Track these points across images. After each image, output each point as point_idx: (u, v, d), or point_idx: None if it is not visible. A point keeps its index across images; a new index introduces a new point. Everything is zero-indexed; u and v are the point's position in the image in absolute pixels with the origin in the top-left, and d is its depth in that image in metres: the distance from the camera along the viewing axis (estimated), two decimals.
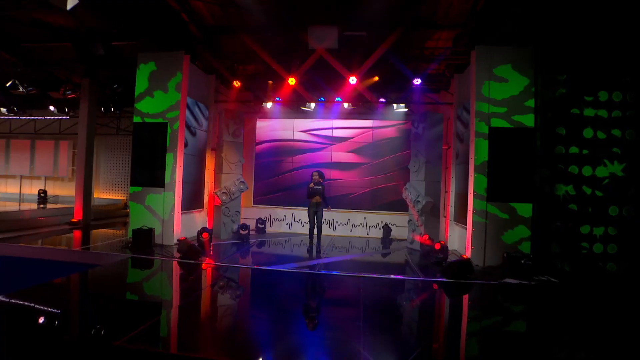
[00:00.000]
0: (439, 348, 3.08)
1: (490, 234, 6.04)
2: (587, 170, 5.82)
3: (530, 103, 6.11)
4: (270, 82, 7.87)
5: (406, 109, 8.50)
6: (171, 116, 6.98)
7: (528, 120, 6.10)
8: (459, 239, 7.38)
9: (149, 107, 7.07)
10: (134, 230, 6.33)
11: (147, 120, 7.05)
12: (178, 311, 3.68)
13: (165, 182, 6.87)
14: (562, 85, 5.89)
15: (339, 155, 9.48)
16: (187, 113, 7.38)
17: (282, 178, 9.63)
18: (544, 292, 4.78)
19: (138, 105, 7.10)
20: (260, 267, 5.44)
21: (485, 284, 5.01)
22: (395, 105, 8.50)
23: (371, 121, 9.39)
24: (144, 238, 6.31)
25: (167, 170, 6.89)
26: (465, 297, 4.70)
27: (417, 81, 7.36)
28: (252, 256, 6.49)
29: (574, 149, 5.86)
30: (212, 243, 6.84)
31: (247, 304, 4.09)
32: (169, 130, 6.97)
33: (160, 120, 7.02)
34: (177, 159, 6.92)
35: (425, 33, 7.59)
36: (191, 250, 5.71)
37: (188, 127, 7.49)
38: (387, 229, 8.47)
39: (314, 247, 6.86)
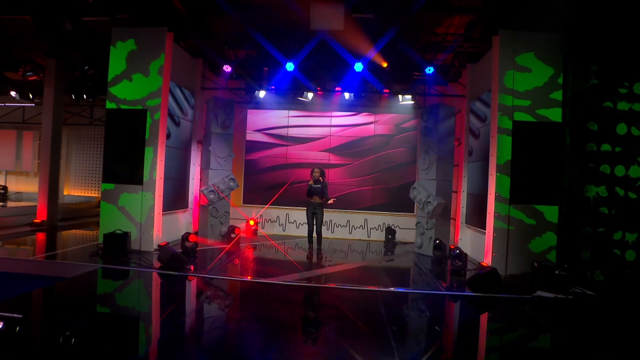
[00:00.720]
0: None
1: (513, 240, 5.45)
2: (619, 170, 5.29)
3: (556, 96, 5.54)
4: (266, 68, 7.03)
5: (412, 102, 7.83)
6: (152, 104, 6.05)
7: (554, 114, 5.53)
8: (472, 244, 6.79)
9: (126, 92, 6.11)
10: (105, 235, 5.40)
11: (123, 107, 6.09)
12: (157, 348, 2.85)
13: (144, 180, 5.95)
14: (594, 76, 5.33)
15: (338, 149, 8.73)
16: (171, 99, 6.46)
17: (275, 175, 8.82)
18: (586, 308, 4.19)
19: (113, 90, 6.13)
20: (256, 280, 4.64)
21: (517, 298, 4.38)
22: (400, 97, 7.81)
23: (373, 115, 8.68)
24: (117, 244, 5.40)
25: (146, 167, 5.97)
26: (502, 316, 4.05)
27: (430, 70, 6.68)
28: (244, 265, 5.67)
29: (606, 146, 5.31)
30: (198, 249, 5.98)
31: (248, 335, 3.30)
32: (149, 121, 6.03)
33: (139, 107, 6.07)
34: (158, 154, 6.01)
35: (436, 18, 6.93)
36: (174, 260, 4.86)
37: (171, 115, 6.57)
38: (390, 231, 7.81)
39: (314, 253, 6.12)
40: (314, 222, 6.04)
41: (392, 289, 4.56)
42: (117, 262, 5.06)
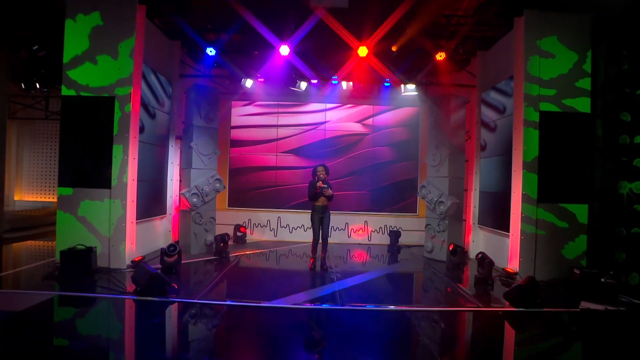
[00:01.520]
0: None
1: (542, 243, 4.93)
2: None
3: (583, 84, 5.06)
4: (256, 52, 6.13)
5: (416, 93, 7.19)
6: (122, 93, 4.99)
7: (581, 104, 5.05)
8: (485, 246, 6.25)
9: (89, 76, 5.01)
10: (62, 253, 4.32)
11: (85, 94, 5.00)
12: None
13: (112, 184, 4.90)
14: (626, 61, 4.88)
15: (333, 144, 7.97)
16: (144, 86, 5.44)
17: (264, 174, 7.94)
18: None
19: (72, 74, 5.01)
20: (258, 305, 3.78)
21: (564, 312, 3.82)
22: (402, 87, 7.16)
23: (371, 107, 7.99)
24: (79, 262, 4.35)
25: (114, 169, 4.92)
26: (563, 337, 3.43)
27: (441, 56, 6.05)
28: (240, 283, 4.77)
29: (639, 139, 4.88)
30: (182, 262, 5.02)
31: None
32: (117, 113, 4.98)
33: (105, 95, 5.01)
34: (130, 152, 4.97)
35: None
36: (154, 281, 3.90)
37: (145, 105, 5.55)
38: (395, 234, 7.15)
39: (319, 264, 5.33)
40: (321, 229, 5.24)
41: (424, 308, 3.86)
42: (79, 287, 4.02)
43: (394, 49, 5.97)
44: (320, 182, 5.12)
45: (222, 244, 5.81)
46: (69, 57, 4.97)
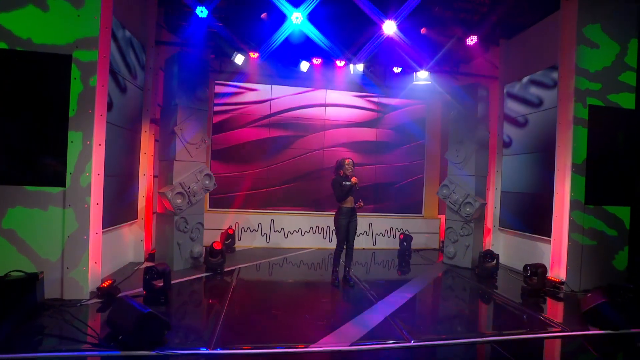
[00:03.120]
0: None
1: (590, 250, 4.51)
2: None
3: (626, 78, 4.72)
4: (264, 14, 4.94)
5: (429, 82, 6.50)
6: (85, 58, 3.55)
7: (625, 100, 4.70)
8: (507, 251, 5.81)
9: (34, 27, 3.49)
10: None
11: (22, 49, 3.48)
12: None
13: (67, 184, 3.47)
14: None
15: (334, 135, 7.03)
16: (113, 48, 4.03)
17: (254, 170, 6.75)
18: None
19: (3, 19, 3.45)
20: (306, 350, 2.75)
21: None
22: (415, 75, 6.44)
23: (376, 96, 7.18)
24: (13, 298, 2.93)
25: (70, 163, 3.48)
26: None
27: (472, 40, 5.39)
28: (258, 312, 3.61)
29: None
30: (171, 286, 3.75)
31: None
32: (77, 86, 3.54)
33: (57, 54, 3.54)
34: (95, 137, 3.56)
35: None
36: (148, 326, 2.66)
37: (114, 74, 4.14)
38: (407, 238, 6.42)
39: (340, 276, 4.40)
40: (348, 235, 4.31)
41: (507, 337, 3.12)
42: (14, 340, 2.62)
43: (423, 31, 5.18)
44: (354, 177, 4.19)
45: (218, 257, 4.59)
46: None
